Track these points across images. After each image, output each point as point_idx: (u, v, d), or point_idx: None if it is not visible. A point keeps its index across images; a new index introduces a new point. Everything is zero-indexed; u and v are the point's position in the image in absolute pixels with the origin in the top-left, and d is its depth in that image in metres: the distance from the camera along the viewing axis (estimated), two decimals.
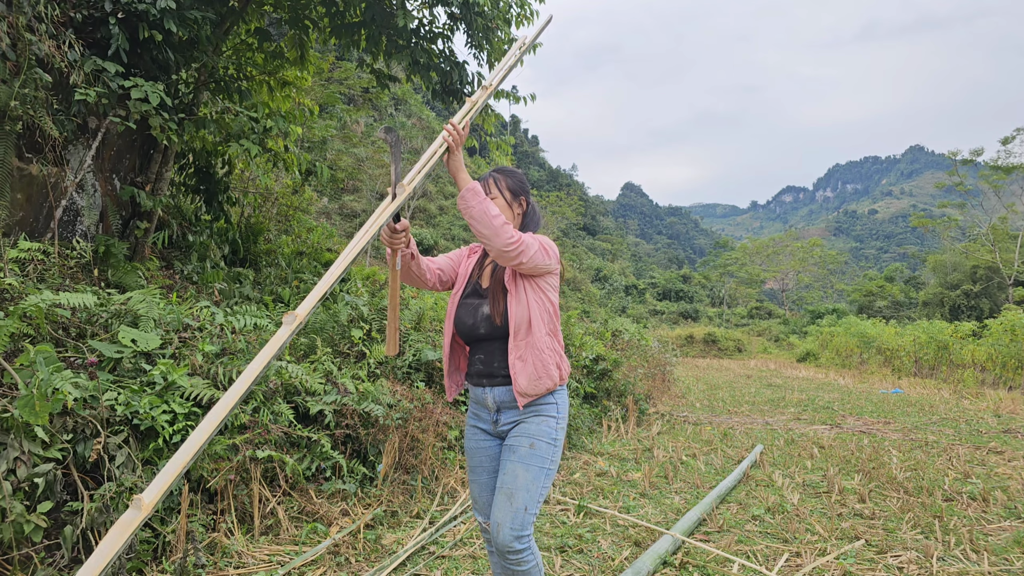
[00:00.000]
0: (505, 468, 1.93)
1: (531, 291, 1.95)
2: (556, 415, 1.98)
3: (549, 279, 2.01)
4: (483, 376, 2.02)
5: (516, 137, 73.61)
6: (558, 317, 2.04)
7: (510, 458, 1.93)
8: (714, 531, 3.62)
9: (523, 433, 1.95)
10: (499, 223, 1.82)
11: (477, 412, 2.11)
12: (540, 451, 1.92)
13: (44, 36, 4.00)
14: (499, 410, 2.02)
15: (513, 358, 1.92)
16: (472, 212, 1.82)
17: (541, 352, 1.93)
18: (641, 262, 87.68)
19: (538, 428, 1.95)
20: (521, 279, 1.96)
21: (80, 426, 2.57)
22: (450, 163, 1.89)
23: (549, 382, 1.93)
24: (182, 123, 5.12)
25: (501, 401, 2.00)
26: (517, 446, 1.93)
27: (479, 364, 2.03)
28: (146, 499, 1.20)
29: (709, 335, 33.77)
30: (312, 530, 3.15)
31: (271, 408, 3.43)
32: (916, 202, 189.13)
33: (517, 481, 1.88)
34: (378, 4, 5.89)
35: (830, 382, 15.10)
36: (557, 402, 1.99)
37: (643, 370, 8.99)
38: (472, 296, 2.07)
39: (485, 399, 2.03)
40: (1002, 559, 3.22)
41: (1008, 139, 33.20)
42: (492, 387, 2.00)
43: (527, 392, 1.92)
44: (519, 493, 1.87)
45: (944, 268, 34.02)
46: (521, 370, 1.91)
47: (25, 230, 4.20)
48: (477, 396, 2.08)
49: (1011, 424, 7.92)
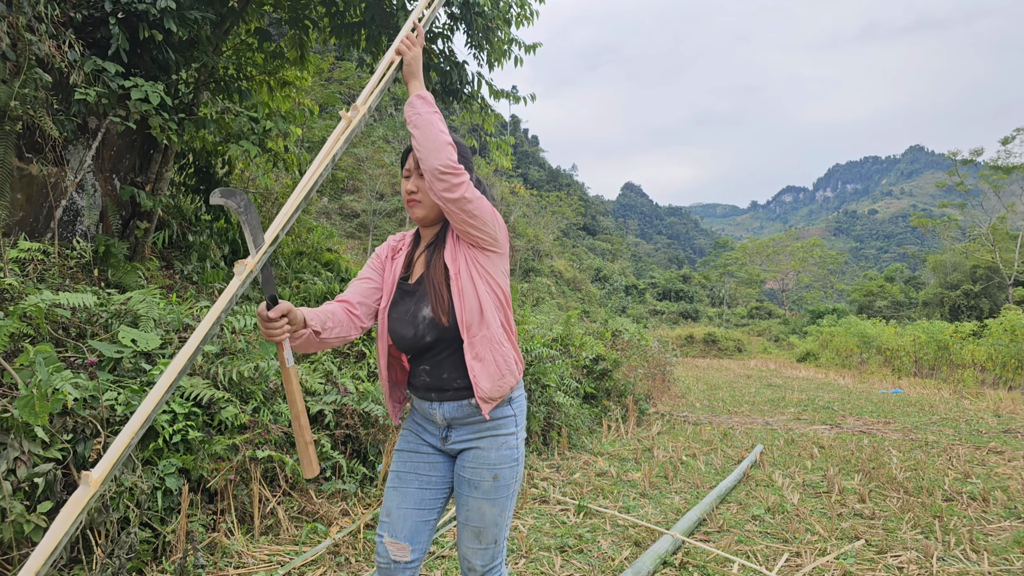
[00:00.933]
0: (468, 505, 1.67)
1: (478, 277, 1.65)
2: (515, 428, 1.72)
3: (497, 261, 1.69)
4: (431, 390, 1.70)
5: (516, 137, 73.65)
6: (510, 306, 1.75)
7: (472, 494, 1.67)
8: (714, 531, 3.62)
9: (483, 464, 1.67)
10: (445, 140, 1.56)
11: (422, 424, 1.78)
12: (504, 479, 1.67)
13: (44, 36, 4.00)
14: (449, 427, 1.71)
15: (470, 358, 1.61)
16: (418, 120, 1.58)
17: (501, 346, 1.65)
18: (641, 262, 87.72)
19: (499, 455, 1.67)
20: (465, 264, 1.65)
21: (80, 426, 2.57)
22: (404, 69, 1.71)
23: (512, 379, 1.67)
24: (182, 123, 5.12)
25: (452, 418, 1.69)
26: (479, 481, 1.66)
27: (424, 376, 1.71)
28: (95, 475, 1.20)
29: (709, 335, 33.79)
30: (312, 530, 3.15)
31: (271, 408, 3.43)
32: (916, 202, 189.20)
33: (484, 519, 1.66)
34: (378, 4, 5.89)
35: (830, 382, 15.10)
36: (516, 413, 1.72)
37: (643, 370, 8.99)
38: (404, 300, 1.70)
39: (432, 415, 1.72)
40: (1002, 559, 3.22)
41: (1008, 139, 33.23)
42: (441, 402, 1.69)
43: (491, 396, 1.63)
44: (488, 530, 1.67)
45: (944, 268, 34.03)
46: (482, 371, 1.62)
47: (25, 230, 4.20)
48: (423, 409, 1.75)
49: (1011, 424, 7.92)
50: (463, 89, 6.58)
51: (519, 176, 63.01)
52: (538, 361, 5.73)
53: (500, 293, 1.69)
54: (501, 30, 6.34)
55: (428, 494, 1.73)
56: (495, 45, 6.37)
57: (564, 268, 45.71)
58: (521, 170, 72.49)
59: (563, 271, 44.89)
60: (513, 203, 45.37)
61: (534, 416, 5.33)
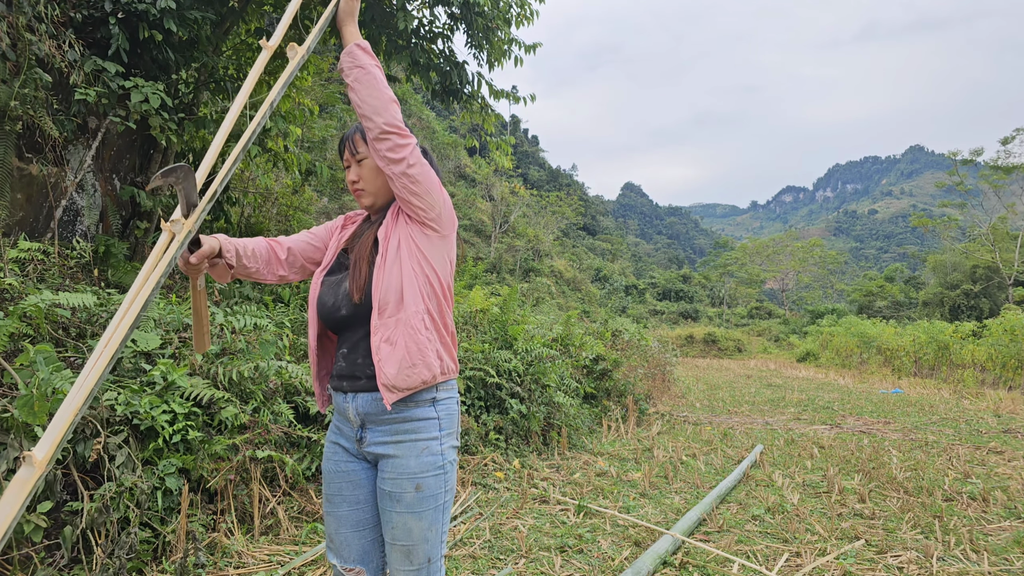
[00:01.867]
0: (392, 521, 1.52)
1: (408, 256, 1.51)
2: (439, 433, 1.55)
3: (438, 243, 1.56)
4: (344, 378, 1.58)
5: (516, 137, 73.69)
6: (449, 298, 1.59)
7: (395, 508, 1.51)
8: (714, 531, 3.62)
9: (401, 474, 1.51)
10: (389, 96, 1.45)
11: (339, 425, 1.65)
12: (429, 489, 1.51)
13: (44, 36, 4.00)
14: (363, 425, 1.57)
15: (378, 340, 1.47)
16: (361, 75, 1.44)
17: (416, 332, 1.48)
18: (641, 262, 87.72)
19: (419, 462, 1.51)
20: (398, 242, 1.53)
21: (80, 426, 2.57)
22: (340, 10, 1.55)
23: (426, 372, 1.49)
24: (182, 123, 5.12)
25: (365, 413, 1.55)
26: (400, 493, 1.51)
27: (341, 361, 1.59)
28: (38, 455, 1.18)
29: (709, 335, 33.79)
30: (312, 530, 3.15)
31: (271, 408, 3.43)
32: (916, 202, 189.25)
33: (412, 536, 1.51)
34: (378, 4, 5.89)
35: (830, 382, 15.10)
36: (439, 416, 1.55)
37: (643, 370, 8.99)
38: (337, 271, 1.64)
39: (346, 409, 1.58)
40: (1002, 559, 3.22)
41: (1008, 139, 33.24)
42: (354, 393, 1.55)
43: (396, 385, 1.47)
44: (417, 548, 1.51)
45: (944, 268, 34.04)
46: (389, 356, 1.46)
47: (25, 230, 4.20)
48: (338, 404, 1.62)
49: (1011, 424, 7.92)
50: (463, 89, 6.58)
51: (519, 176, 63.02)
52: (538, 361, 5.73)
53: (434, 279, 1.54)
54: (501, 30, 6.35)
55: (361, 514, 1.61)
56: (495, 45, 6.37)
57: (564, 268, 45.72)
58: (521, 170, 72.51)
59: (563, 271, 44.90)
60: (513, 203, 45.37)
61: (534, 416, 5.33)
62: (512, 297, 6.22)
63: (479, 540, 3.31)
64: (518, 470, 4.66)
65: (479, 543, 3.27)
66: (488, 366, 5.08)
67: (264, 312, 4.50)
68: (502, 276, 35.69)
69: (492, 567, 2.99)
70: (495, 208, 44.65)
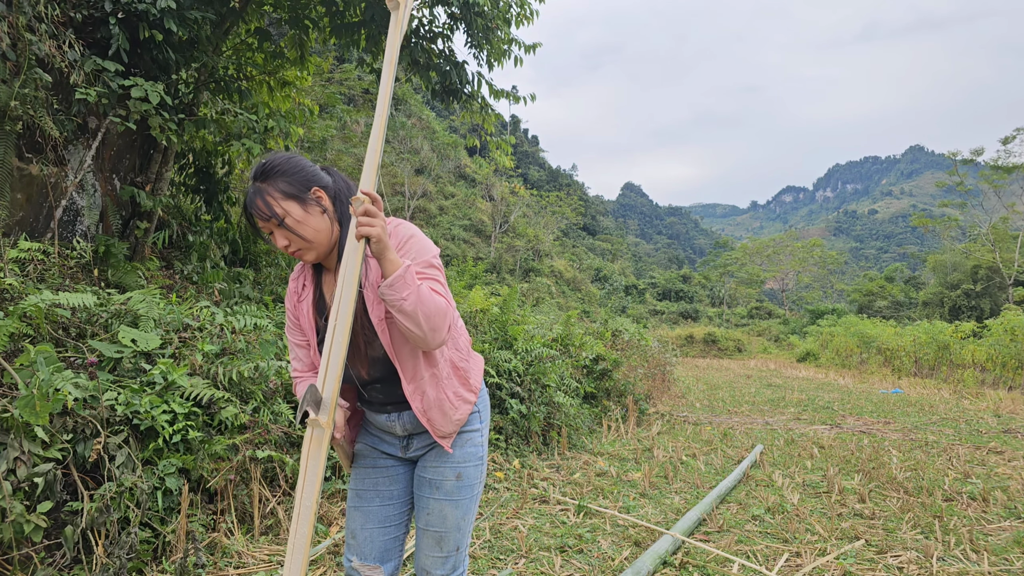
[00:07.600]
0: (428, 507, 1.56)
1: None
2: (480, 425, 1.62)
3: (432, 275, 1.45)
4: (387, 404, 1.57)
5: (516, 137, 73.68)
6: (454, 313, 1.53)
7: (433, 495, 1.55)
8: (714, 531, 3.62)
9: (445, 461, 1.56)
10: (443, 305, 1.37)
11: (378, 435, 1.65)
12: (468, 479, 1.57)
13: (44, 36, 4.00)
14: (411, 436, 1.60)
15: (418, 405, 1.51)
16: (407, 305, 1.31)
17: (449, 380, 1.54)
18: (641, 262, 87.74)
19: (463, 452, 1.57)
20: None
21: (80, 426, 2.57)
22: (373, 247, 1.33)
23: (466, 407, 1.56)
24: (182, 123, 5.12)
25: (414, 427, 1.58)
26: (441, 480, 1.55)
27: (378, 395, 1.57)
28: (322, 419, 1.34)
29: (709, 335, 33.79)
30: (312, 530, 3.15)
31: (271, 408, 3.43)
32: (916, 202, 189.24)
33: (447, 523, 1.54)
34: (378, 4, 5.89)
35: (830, 382, 15.10)
36: (479, 409, 1.63)
37: (643, 370, 8.99)
38: None
39: (392, 427, 1.59)
40: (1002, 559, 3.22)
41: (1008, 139, 33.23)
42: (400, 412, 1.56)
43: (450, 432, 1.55)
44: (450, 535, 1.55)
45: (944, 268, 34.03)
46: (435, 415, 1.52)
47: (25, 230, 4.20)
48: (380, 422, 1.61)
49: (1011, 424, 7.92)
50: (463, 89, 6.58)
51: (519, 176, 63.02)
52: (538, 361, 5.73)
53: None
54: (501, 30, 6.35)
55: (392, 510, 1.63)
56: (495, 45, 6.37)
57: (564, 268, 45.72)
58: (521, 170, 72.49)
59: (563, 271, 44.90)
60: (513, 203, 45.38)
61: (534, 416, 5.33)
62: (512, 297, 6.22)
63: (479, 540, 3.31)
64: (518, 470, 4.66)
65: (479, 543, 3.27)
66: (488, 366, 5.08)
67: (264, 312, 4.50)
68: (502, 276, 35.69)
69: (492, 567, 2.99)
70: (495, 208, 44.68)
